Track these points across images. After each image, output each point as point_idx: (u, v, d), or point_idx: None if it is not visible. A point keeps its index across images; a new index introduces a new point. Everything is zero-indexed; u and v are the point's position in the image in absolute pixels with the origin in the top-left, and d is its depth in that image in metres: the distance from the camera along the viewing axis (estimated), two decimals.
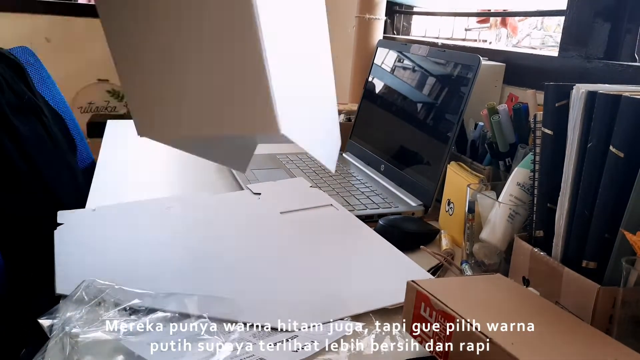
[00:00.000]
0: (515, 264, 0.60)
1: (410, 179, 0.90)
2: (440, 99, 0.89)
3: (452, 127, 0.83)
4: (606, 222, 0.49)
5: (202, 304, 0.53)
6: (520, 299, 0.49)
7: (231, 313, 0.53)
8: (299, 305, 0.56)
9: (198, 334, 0.49)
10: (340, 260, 0.67)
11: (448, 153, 0.83)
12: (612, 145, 0.48)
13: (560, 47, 0.93)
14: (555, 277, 0.53)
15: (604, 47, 0.88)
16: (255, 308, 0.55)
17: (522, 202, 0.63)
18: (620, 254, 0.47)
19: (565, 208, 0.53)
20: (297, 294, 0.59)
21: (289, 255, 0.67)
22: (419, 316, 0.47)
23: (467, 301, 0.46)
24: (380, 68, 1.11)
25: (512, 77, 1.01)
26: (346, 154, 1.13)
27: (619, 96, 0.48)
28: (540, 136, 0.57)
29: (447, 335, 0.44)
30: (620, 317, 0.46)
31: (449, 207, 0.78)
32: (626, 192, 0.47)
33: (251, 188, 0.87)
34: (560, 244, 0.54)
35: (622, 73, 0.81)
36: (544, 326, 0.44)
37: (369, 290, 0.60)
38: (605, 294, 0.48)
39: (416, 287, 0.48)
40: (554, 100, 0.54)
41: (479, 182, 0.71)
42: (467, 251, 0.68)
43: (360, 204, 0.85)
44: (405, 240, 0.73)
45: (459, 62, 0.86)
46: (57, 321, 0.48)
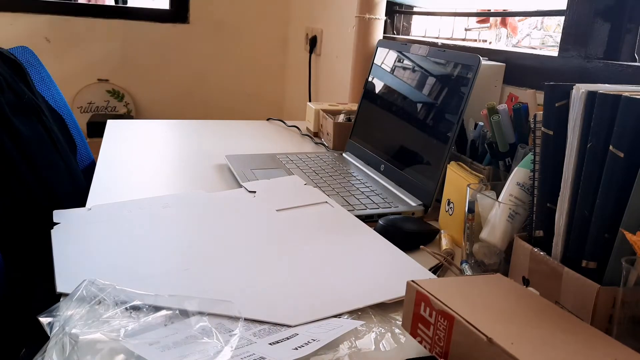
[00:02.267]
0: (515, 263, 0.60)
1: (410, 179, 0.90)
2: (440, 99, 0.89)
3: (452, 127, 0.83)
4: (606, 222, 0.49)
5: (202, 304, 0.53)
6: (520, 299, 0.49)
7: (230, 312, 0.53)
8: (298, 302, 0.56)
9: (198, 334, 0.49)
10: (338, 257, 0.67)
11: (448, 153, 0.83)
12: (612, 145, 0.48)
13: (560, 47, 0.93)
14: (555, 277, 0.53)
15: (603, 47, 0.88)
16: (254, 306, 0.55)
17: (522, 202, 0.63)
18: (620, 253, 0.47)
19: (565, 208, 0.53)
20: (297, 290, 0.59)
21: (287, 252, 0.67)
22: (419, 316, 0.47)
23: (467, 301, 0.46)
24: (380, 68, 1.11)
25: (512, 77, 1.01)
26: (346, 154, 1.13)
27: (619, 96, 0.48)
28: (540, 136, 0.57)
29: (447, 335, 0.44)
30: (620, 317, 0.46)
31: (448, 207, 0.78)
32: (626, 192, 0.47)
33: (246, 186, 0.87)
34: (560, 244, 0.54)
35: (622, 73, 0.81)
36: (544, 326, 0.44)
37: (366, 286, 0.60)
38: (605, 293, 0.48)
39: (416, 287, 0.48)
40: (553, 100, 0.54)
41: (478, 182, 0.71)
42: (467, 251, 0.68)
43: (360, 203, 0.85)
44: (405, 240, 0.73)
45: (459, 62, 0.86)
46: (58, 320, 0.48)
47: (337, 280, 0.61)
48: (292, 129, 1.42)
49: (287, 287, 0.59)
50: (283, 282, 0.60)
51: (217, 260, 0.64)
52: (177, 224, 0.74)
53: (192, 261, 0.64)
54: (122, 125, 1.32)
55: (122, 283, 0.54)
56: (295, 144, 1.28)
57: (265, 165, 1.02)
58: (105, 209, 0.76)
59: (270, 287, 0.59)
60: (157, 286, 0.56)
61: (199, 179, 0.97)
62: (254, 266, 0.64)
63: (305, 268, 0.64)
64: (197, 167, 1.04)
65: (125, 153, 1.11)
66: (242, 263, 0.64)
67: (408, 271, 0.64)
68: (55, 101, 1.23)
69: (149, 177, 0.97)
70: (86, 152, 1.30)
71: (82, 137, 1.31)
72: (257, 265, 0.64)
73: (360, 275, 0.63)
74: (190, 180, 0.96)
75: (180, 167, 1.04)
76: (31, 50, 1.25)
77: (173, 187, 0.92)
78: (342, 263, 0.66)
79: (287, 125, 1.44)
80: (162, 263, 0.63)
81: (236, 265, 0.64)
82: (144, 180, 0.95)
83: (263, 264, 0.64)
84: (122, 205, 0.78)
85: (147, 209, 0.77)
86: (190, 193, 0.87)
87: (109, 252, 0.65)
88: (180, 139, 1.26)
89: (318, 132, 1.32)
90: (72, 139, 1.14)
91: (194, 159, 1.09)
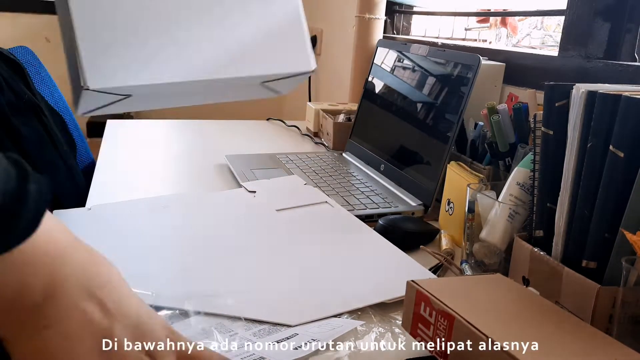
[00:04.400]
0: (515, 263, 0.60)
1: (410, 179, 0.90)
2: (440, 99, 0.89)
3: (452, 126, 0.83)
4: (606, 221, 0.49)
5: (202, 304, 0.53)
6: (521, 299, 0.49)
7: (230, 312, 0.53)
8: (298, 301, 0.56)
9: (198, 334, 0.49)
10: (338, 257, 0.67)
11: (448, 153, 0.83)
12: (612, 145, 0.48)
13: (560, 46, 0.93)
14: (555, 277, 0.53)
15: (604, 47, 0.88)
16: (254, 306, 0.55)
17: (522, 202, 0.63)
18: (620, 253, 0.47)
19: (565, 208, 0.53)
20: (296, 290, 0.59)
21: (287, 252, 0.67)
22: (419, 316, 0.47)
23: (468, 301, 0.46)
24: (380, 68, 1.11)
25: (512, 77, 1.01)
26: (346, 154, 1.13)
27: (619, 96, 0.48)
28: (540, 136, 0.57)
29: (447, 335, 0.44)
30: (620, 317, 0.46)
31: (448, 206, 0.78)
32: (626, 191, 0.47)
33: (246, 186, 0.87)
34: (560, 244, 0.54)
35: (622, 73, 0.81)
36: (544, 326, 0.44)
37: (367, 286, 0.60)
38: (605, 293, 0.48)
39: (416, 287, 0.48)
40: (554, 100, 0.54)
41: (478, 181, 0.71)
42: (467, 251, 0.68)
43: (360, 203, 0.85)
44: (406, 239, 0.73)
45: (459, 61, 0.86)
46: None
47: (337, 280, 0.61)
48: (292, 129, 1.42)
49: (287, 286, 0.59)
50: (283, 281, 0.60)
51: (217, 259, 0.64)
52: (177, 224, 0.74)
53: (191, 261, 0.64)
54: (122, 125, 1.32)
55: None
56: (295, 144, 1.28)
57: (265, 165, 1.02)
58: (105, 209, 0.76)
59: (270, 286, 0.59)
60: (157, 286, 0.56)
61: (199, 179, 0.97)
62: (254, 266, 0.64)
63: (305, 268, 0.64)
64: (197, 167, 1.04)
65: (125, 153, 1.11)
66: (242, 263, 0.64)
67: (408, 271, 0.64)
68: (55, 101, 1.23)
69: (149, 177, 0.97)
70: (86, 152, 1.30)
71: (82, 137, 1.31)
72: (257, 265, 0.64)
73: (360, 274, 0.63)
74: (190, 180, 0.96)
75: (180, 167, 1.04)
76: (31, 50, 1.25)
77: (173, 187, 0.92)
78: (342, 262, 0.66)
79: (287, 125, 1.44)
80: (162, 263, 0.63)
81: (236, 264, 0.63)
82: (144, 180, 0.95)
83: (263, 264, 0.64)
84: (122, 205, 0.78)
85: (147, 209, 0.77)
86: (190, 193, 0.87)
87: (109, 252, 0.64)
88: (180, 139, 1.26)
89: (318, 132, 1.32)
90: (72, 139, 1.14)
91: (194, 159, 1.09)
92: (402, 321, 0.50)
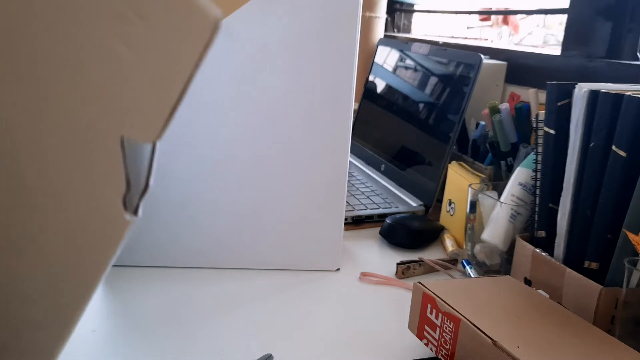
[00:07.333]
0: (516, 264, 0.60)
1: (410, 179, 0.90)
2: (441, 98, 0.88)
3: (453, 126, 0.83)
4: (608, 222, 0.49)
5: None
6: (527, 301, 0.48)
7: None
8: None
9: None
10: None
11: (449, 153, 0.82)
12: (615, 145, 0.48)
13: (562, 45, 0.93)
14: (557, 277, 0.53)
15: (605, 46, 0.88)
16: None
17: (524, 202, 0.62)
18: (622, 254, 0.47)
19: (567, 208, 0.53)
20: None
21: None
22: (426, 318, 0.47)
23: (474, 303, 0.46)
24: (380, 67, 1.11)
25: (514, 76, 1.01)
26: None
27: (621, 95, 0.48)
28: (542, 135, 0.57)
29: (452, 337, 0.44)
30: (622, 318, 0.46)
31: (450, 207, 0.78)
32: (628, 191, 0.47)
33: None
34: (562, 245, 0.54)
35: (624, 72, 0.81)
36: (551, 329, 0.44)
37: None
38: (607, 294, 0.48)
39: (423, 288, 0.48)
40: (556, 99, 0.54)
41: (480, 182, 0.71)
42: (469, 252, 0.67)
43: (360, 204, 0.85)
44: (412, 238, 0.73)
45: (460, 60, 0.86)
46: None
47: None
48: None
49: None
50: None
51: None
52: None
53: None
54: None
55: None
56: None
57: None
58: None
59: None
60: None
61: None
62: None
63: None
64: None
65: None
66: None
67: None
68: None
69: None
70: None
71: None
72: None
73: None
74: None
75: None
76: None
77: None
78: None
79: None
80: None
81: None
82: None
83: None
84: None
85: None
86: None
87: None
88: None
89: None
90: None
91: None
92: (408, 323, 0.50)
